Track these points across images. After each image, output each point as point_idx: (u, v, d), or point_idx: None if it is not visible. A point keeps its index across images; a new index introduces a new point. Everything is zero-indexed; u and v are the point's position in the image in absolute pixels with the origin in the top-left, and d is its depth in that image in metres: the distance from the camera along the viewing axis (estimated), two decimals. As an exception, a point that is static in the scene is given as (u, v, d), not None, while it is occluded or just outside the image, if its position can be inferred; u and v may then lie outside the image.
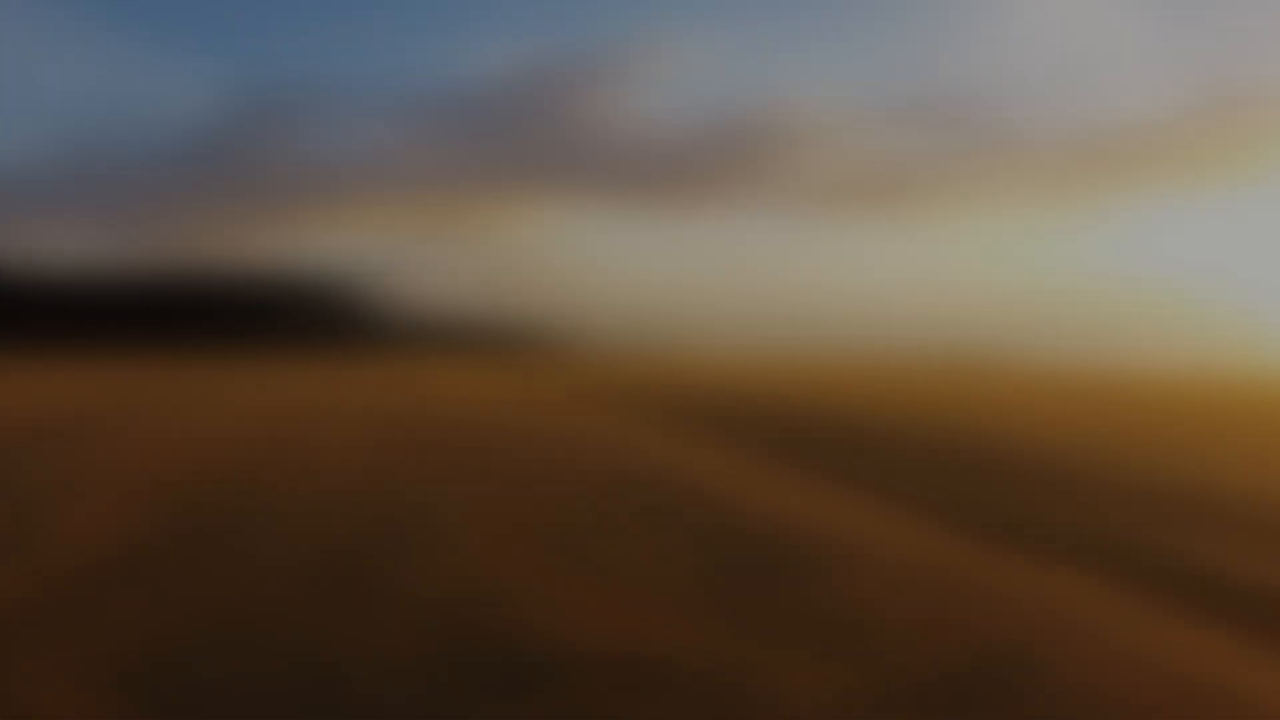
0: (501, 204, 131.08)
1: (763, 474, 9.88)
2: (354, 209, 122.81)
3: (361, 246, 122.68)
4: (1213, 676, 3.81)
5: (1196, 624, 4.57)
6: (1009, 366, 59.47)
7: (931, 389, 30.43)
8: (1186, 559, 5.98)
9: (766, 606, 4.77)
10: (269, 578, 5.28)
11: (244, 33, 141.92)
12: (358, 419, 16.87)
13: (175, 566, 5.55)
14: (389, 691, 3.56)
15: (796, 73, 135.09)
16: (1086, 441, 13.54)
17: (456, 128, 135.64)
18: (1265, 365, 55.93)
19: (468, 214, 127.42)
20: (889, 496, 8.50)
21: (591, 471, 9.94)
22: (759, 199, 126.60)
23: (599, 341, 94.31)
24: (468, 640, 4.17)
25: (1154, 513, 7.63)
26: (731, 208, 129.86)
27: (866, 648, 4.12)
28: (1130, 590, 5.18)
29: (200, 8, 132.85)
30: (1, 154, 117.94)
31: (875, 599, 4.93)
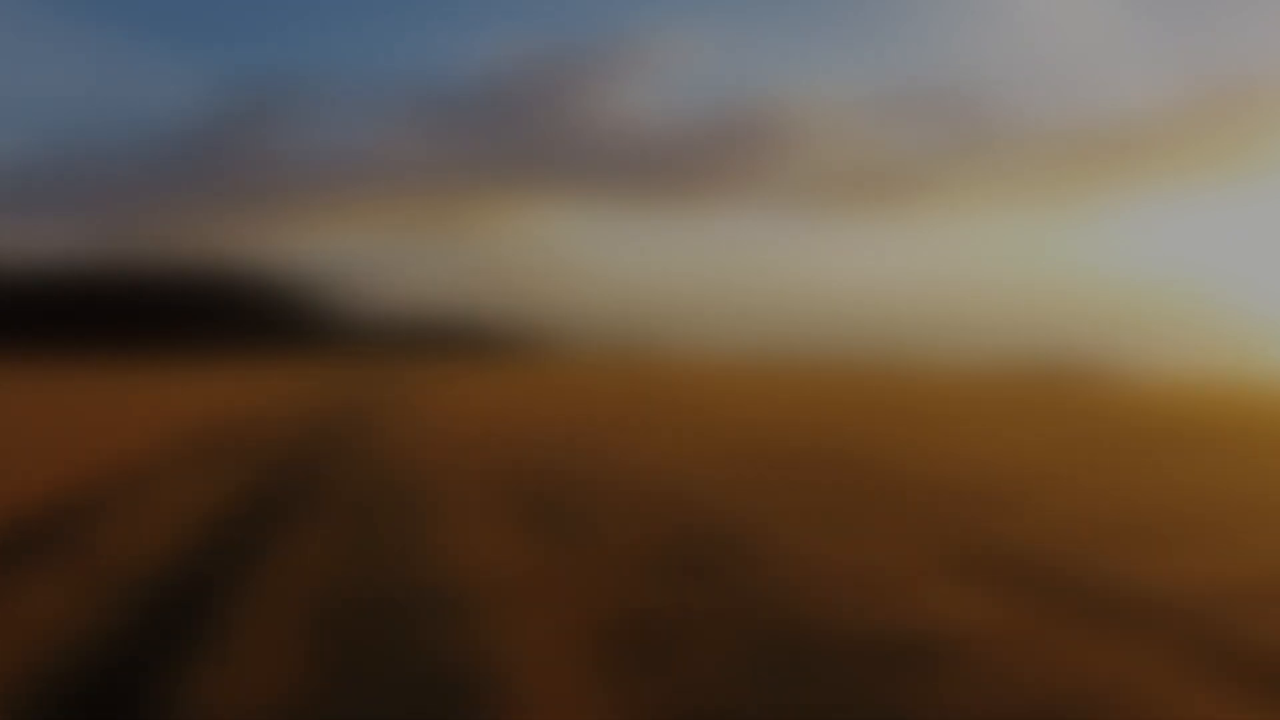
0: (493, 202, 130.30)
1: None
2: (340, 207, 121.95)
3: (348, 246, 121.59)
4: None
5: None
6: (1009, 368, 58.71)
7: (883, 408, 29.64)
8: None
9: None
10: None
11: (230, 31, 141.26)
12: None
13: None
14: None
15: (793, 69, 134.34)
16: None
17: (448, 125, 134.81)
18: (1264, 366, 55.24)
19: (457, 213, 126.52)
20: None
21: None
22: (755, 196, 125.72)
23: (589, 342, 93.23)
24: None
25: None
26: (728, 205, 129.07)
27: None
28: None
29: (185, 6, 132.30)
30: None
31: None
